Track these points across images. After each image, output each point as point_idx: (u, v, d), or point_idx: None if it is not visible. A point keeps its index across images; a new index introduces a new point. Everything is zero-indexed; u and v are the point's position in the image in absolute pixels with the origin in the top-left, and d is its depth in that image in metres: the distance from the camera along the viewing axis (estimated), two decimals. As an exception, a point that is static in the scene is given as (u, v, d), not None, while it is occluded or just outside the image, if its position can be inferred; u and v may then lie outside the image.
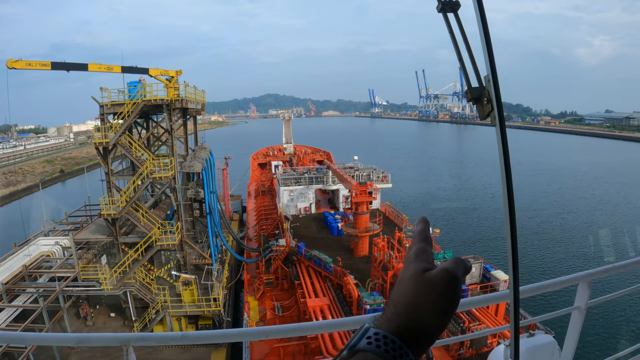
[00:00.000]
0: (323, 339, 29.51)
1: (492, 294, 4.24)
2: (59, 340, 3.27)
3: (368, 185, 41.04)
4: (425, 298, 1.55)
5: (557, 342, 5.03)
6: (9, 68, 37.36)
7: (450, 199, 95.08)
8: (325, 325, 3.85)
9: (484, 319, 29.03)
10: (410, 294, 1.58)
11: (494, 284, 32.79)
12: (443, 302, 1.57)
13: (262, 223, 61.30)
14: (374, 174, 55.31)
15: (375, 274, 34.71)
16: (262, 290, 43.61)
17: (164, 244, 42.29)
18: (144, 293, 43.02)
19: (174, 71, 44.62)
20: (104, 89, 42.20)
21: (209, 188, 45.44)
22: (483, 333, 23.33)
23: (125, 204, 41.91)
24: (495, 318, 30.40)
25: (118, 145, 42.56)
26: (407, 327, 1.50)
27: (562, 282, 4.38)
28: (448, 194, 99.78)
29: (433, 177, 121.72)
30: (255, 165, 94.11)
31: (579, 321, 4.68)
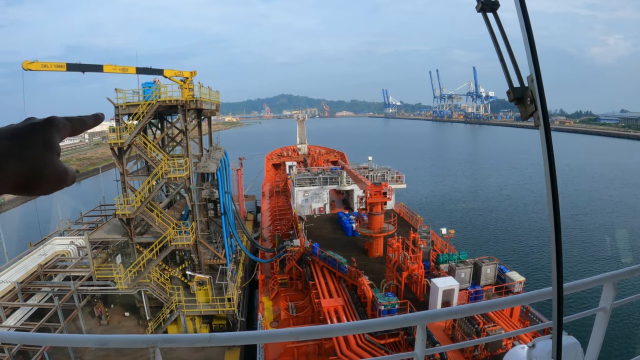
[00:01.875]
0: (337, 339, 29.41)
1: (532, 292, 4.14)
2: (83, 342, 3.23)
3: (382, 185, 40.85)
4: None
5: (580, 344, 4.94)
6: (25, 69, 37.58)
7: (465, 200, 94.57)
8: (348, 328, 3.80)
9: (498, 321, 28.82)
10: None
11: (509, 285, 32.56)
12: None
13: (277, 223, 61.33)
14: (388, 175, 55.07)
15: (390, 274, 34.51)
16: (277, 291, 43.57)
17: (179, 244, 42.39)
18: (158, 293, 43.17)
19: (189, 72, 44.67)
20: (119, 90, 42.46)
21: (223, 188, 45.48)
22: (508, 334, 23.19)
23: (140, 204, 42.08)
24: (510, 320, 30.18)
25: (133, 145, 42.75)
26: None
27: (587, 283, 4.30)
28: (463, 195, 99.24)
29: (448, 178, 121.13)
30: (270, 165, 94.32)
31: (604, 322, 4.59)
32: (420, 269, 32.60)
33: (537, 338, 4.60)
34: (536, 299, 4.21)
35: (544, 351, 4.51)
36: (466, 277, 33.16)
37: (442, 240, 40.72)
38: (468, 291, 31.77)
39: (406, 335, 28.85)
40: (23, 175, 1.53)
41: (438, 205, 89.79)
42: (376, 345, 28.32)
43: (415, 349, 3.67)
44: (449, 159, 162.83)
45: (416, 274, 32.61)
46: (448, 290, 29.94)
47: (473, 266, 33.48)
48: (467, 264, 33.59)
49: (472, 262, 33.81)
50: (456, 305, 28.27)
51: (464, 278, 32.95)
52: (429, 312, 3.94)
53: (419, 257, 33.01)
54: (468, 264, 33.58)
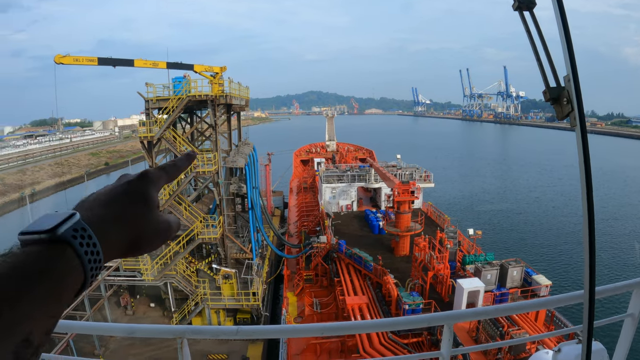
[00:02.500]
0: (360, 337, 29.36)
1: (562, 295, 4.09)
2: (111, 330, 3.28)
3: (411, 184, 40.63)
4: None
5: (606, 350, 4.87)
6: (57, 63, 38.06)
7: (493, 201, 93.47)
8: (374, 325, 3.81)
9: (523, 324, 28.50)
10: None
11: (535, 288, 32.17)
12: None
13: (304, 219, 61.32)
14: (416, 173, 54.74)
15: (416, 274, 34.29)
16: (302, 286, 43.60)
17: (206, 237, 42.78)
18: (184, 285, 43.60)
19: (219, 67, 44.89)
20: (150, 85, 42.90)
21: (251, 183, 45.63)
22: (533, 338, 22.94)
23: (168, 197, 42.50)
24: (534, 324, 29.83)
25: (162, 139, 43.15)
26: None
27: (617, 288, 4.24)
28: (492, 196, 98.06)
29: (477, 178, 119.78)
30: (298, 161, 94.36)
31: (632, 329, 4.53)
32: (446, 269, 32.33)
33: (563, 342, 4.55)
34: (566, 302, 4.17)
35: (570, 356, 4.47)
36: (492, 278, 32.82)
37: (469, 241, 40.36)
38: (493, 293, 31.45)
39: (429, 336, 28.70)
40: (126, 240, 1.49)
41: (466, 205, 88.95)
42: (399, 344, 28.22)
43: (442, 349, 3.66)
44: (478, 159, 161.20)
45: (442, 274, 32.35)
46: (473, 291, 29.67)
47: (499, 268, 33.11)
48: (494, 266, 33.24)
49: (499, 264, 33.43)
50: (483, 306, 28.07)
51: (490, 280, 32.62)
52: (455, 312, 3.92)
53: (445, 257, 32.75)
54: (494, 266, 33.22)
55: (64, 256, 1.25)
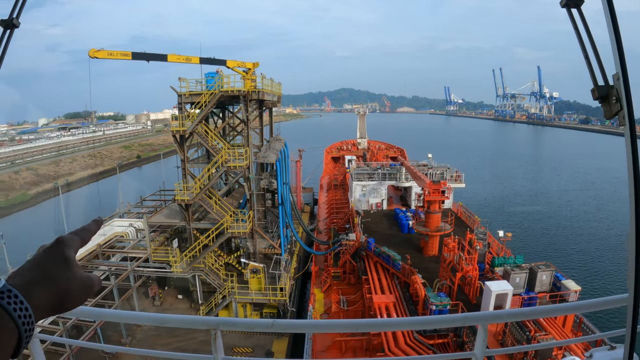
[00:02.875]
0: (386, 336, 29.27)
1: (604, 299, 3.98)
2: (147, 320, 3.30)
3: (441, 184, 40.34)
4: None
5: (639, 358, 4.73)
6: (91, 57, 38.45)
7: (524, 203, 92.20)
8: (410, 323, 3.76)
9: (550, 330, 28.07)
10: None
11: (564, 293, 31.64)
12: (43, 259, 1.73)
13: (333, 216, 61.45)
14: (447, 173, 54.29)
15: (444, 274, 33.99)
16: (329, 283, 43.66)
17: (235, 231, 43.05)
18: (212, 278, 43.95)
19: (251, 63, 45.06)
20: (182, 79, 43.28)
21: (282, 179, 45.78)
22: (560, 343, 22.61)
23: (199, 190, 42.85)
24: (562, 330, 29.36)
25: (194, 133, 43.54)
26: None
27: None
28: (523, 198, 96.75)
29: (508, 180, 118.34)
30: (329, 158, 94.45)
31: None
32: (474, 271, 32.01)
33: (594, 349, 4.45)
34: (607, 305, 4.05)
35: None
36: (521, 282, 32.34)
37: (499, 243, 39.86)
38: (522, 297, 31.05)
39: (455, 337, 28.50)
40: (53, 297, 1.67)
41: (496, 207, 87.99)
42: (424, 345, 28.07)
43: (475, 349, 3.61)
44: (510, 160, 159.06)
45: (470, 276, 32.04)
46: (501, 294, 29.28)
47: (529, 271, 32.56)
48: (523, 269, 32.72)
49: (528, 267, 32.89)
50: (519, 308, 27.69)
51: (519, 283, 32.17)
52: (492, 313, 3.88)
53: (474, 259, 32.39)
54: (524, 269, 32.71)
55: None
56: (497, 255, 36.45)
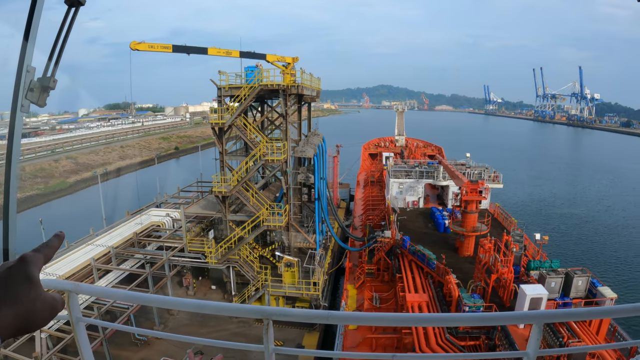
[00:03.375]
0: (417, 334, 29.10)
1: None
2: (197, 307, 3.33)
3: (479, 183, 39.92)
4: None
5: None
6: (132, 49, 38.88)
7: (562, 206, 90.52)
8: (470, 318, 3.73)
9: (584, 337, 27.55)
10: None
11: (600, 300, 30.93)
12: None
13: (369, 213, 61.35)
14: (485, 173, 53.68)
15: (479, 275, 33.53)
16: (362, 280, 43.57)
17: (271, 224, 43.23)
18: (246, 270, 44.29)
19: (291, 58, 45.18)
20: (222, 73, 43.61)
21: (319, 174, 45.82)
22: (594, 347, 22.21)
23: (236, 183, 43.19)
24: (595, 337, 28.78)
25: (233, 126, 43.86)
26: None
27: None
28: (561, 202, 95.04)
29: (546, 182, 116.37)
30: (366, 155, 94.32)
31: None
32: (509, 273, 31.49)
33: (633, 358, 4.38)
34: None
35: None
36: (556, 287, 31.71)
37: (535, 246, 39.22)
38: (556, 302, 30.50)
39: (487, 340, 28.22)
40: (18, 317, 1.65)
41: (534, 209, 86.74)
42: (456, 345, 27.87)
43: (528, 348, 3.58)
44: (548, 162, 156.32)
45: (505, 278, 31.59)
46: (536, 298, 28.71)
47: (564, 276, 31.94)
48: (559, 274, 32.06)
49: (564, 272, 32.25)
50: (575, 308, 27.23)
51: (554, 288, 31.56)
52: (548, 312, 3.82)
53: (510, 261, 31.92)
54: (559, 274, 32.05)
55: None
56: (533, 259, 35.87)
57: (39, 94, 2.63)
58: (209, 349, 33.90)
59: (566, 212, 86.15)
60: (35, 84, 2.62)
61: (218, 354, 31.73)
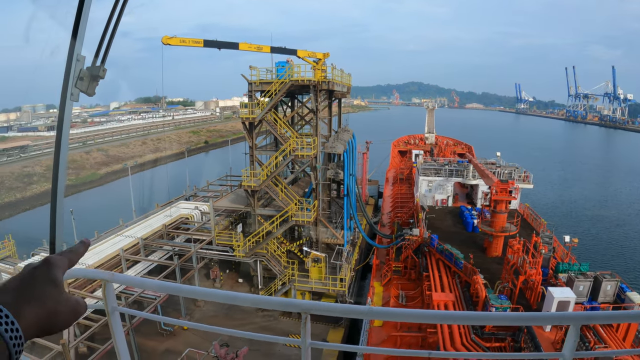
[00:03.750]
0: (443, 335, 28.91)
1: None
2: (234, 299, 3.32)
3: (509, 183, 39.47)
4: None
5: None
6: (164, 44, 39.29)
7: (593, 209, 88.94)
8: (509, 318, 3.67)
9: (611, 342, 27.09)
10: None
11: (628, 305, 30.35)
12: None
13: (397, 210, 61.05)
14: (515, 173, 53.03)
15: (506, 276, 33.07)
16: (389, 277, 43.37)
17: (299, 220, 43.40)
18: (273, 264, 44.49)
19: (322, 53, 45.22)
20: (253, 68, 43.87)
21: (348, 170, 45.86)
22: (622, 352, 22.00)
23: (265, 177, 43.41)
24: (622, 343, 28.26)
25: (264, 121, 44.06)
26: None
27: None
28: (592, 204, 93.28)
29: (577, 183, 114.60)
30: (396, 152, 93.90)
31: None
32: (537, 275, 31.06)
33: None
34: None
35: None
36: (584, 290, 31.16)
37: (564, 249, 38.69)
38: (584, 306, 29.99)
39: (513, 342, 27.95)
40: (42, 318, 1.64)
41: (564, 210, 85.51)
42: (480, 346, 27.64)
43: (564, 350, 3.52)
44: (580, 163, 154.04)
45: (533, 280, 31.17)
46: (564, 301, 28.25)
47: (593, 280, 31.41)
48: (587, 277, 31.51)
49: (593, 276, 31.71)
50: (613, 310, 26.73)
51: (582, 291, 31.02)
52: (586, 313, 3.76)
53: (538, 263, 31.42)
54: (588, 277, 31.50)
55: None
56: (562, 261, 35.40)
57: (88, 82, 2.67)
58: (234, 342, 34.06)
59: (597, 214, 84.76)
60: (85, 72, 2.66)
61: (243, 347, 31.85)
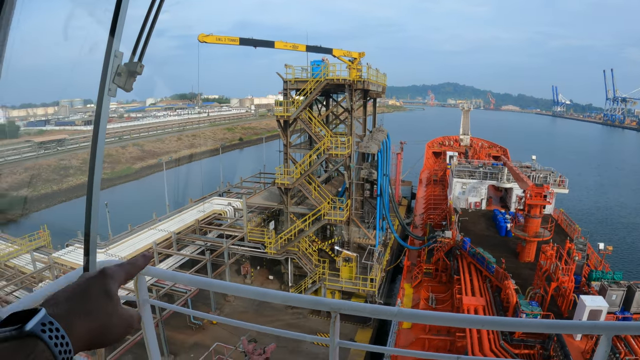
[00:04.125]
0: (472, 339, 28.67)
1: None
2: (264, 296, 3.34)
3: (544, 187, 38.88)
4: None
5: None
6: (200, 42, 39.62)
7: (629, 217, 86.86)
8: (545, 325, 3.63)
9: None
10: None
11: (661, 317, 29.61)
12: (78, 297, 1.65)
13: (430, 212, 60.70)
14: (550, 177, 52.21)
15: (538, 283, 32.53)
16: (420, 279, 43.17)
17: (332, 219, 43.48)
18: (304, 262, 44.60)
19: (357, 53, 45.19)
20: (289, 66, 44.12)
21: (382, 170, 45.75)
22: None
23: (299, 175, 43.56)
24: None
25: (298, 119, 44.24)
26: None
27: None
28: (628, 211, 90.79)
29: (614, 190, 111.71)
30: (430, 153, 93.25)
31: None
32: (570, 282, 30.48)
33: None
34: None
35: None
36: (617, 300, 30.43)
37: (598, 256, 37.98)
38: (616, 316, 29.29)
39: (542, 350, 27.55)
40: (93, 332, 1.61)
41: (599, 217, 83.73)
42: (509, 353, 27.31)
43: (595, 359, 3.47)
44: (617, 168, 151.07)
45: (565, 287, 30.60)
46: (595, 310, 27.60)
47: (626, 289, 30.74)
48: (621, 286, 30.78)
49: (626, 285, 31.05)
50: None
51: (614, 301, 30.30)
52: (617, 323, 3.70)
53: (571, 270, 30.82)
54: (621, 286, 30.77)
55: (35, 351, 1.33)
56: (595, 269, 34.71)
57: (125, 78, 2.71)
58: (262, 338, 34.26)
59: (633, 222, 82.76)
60: (122, 68, 2.70)
61: (271, 343, 32.02)
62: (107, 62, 2.63)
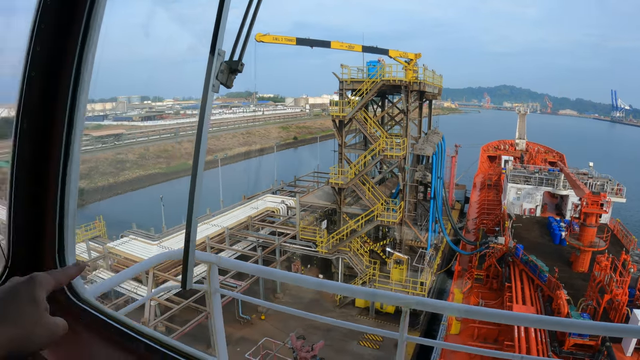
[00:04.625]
0: (520, 346, 28.23)
1: None
2: (345, 291, 3.51)
3: (601, 196, 37.94)
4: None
5: None
6: (257, 41, 40.11)
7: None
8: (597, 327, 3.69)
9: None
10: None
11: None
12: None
13: (483, 217, 59.96)
14: (608, 185, 50.87)
15: (591, 294, 31.81)
16: (470, 285, 42.64)
17: (385, 220, 43.48)
18: (355, 262, 44.72)
19: (413, 54, 45.12)
20: (344, 66, 44.31)
21: (436, 173, 45.60)
22: None
23: (354, 176, 43.78)
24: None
25: (354, 119, 44.39)
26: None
27: None
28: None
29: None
30: (485, 157, 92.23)
31: None
32: (624, 296, 29.66)
33: None
34: None
35: None
36: (669, 315, 29.65)
37: None
38: (668, 331, 28.43)
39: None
40: (14, 339, 1.55)
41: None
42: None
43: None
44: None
45: (618, 300, 29.81)
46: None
47: (679, 305, 29.76)
48: (675, 301, 29.99)
49: None
50: None
51: (669, 316, 29.52)
52: None
53: (626, 282, 30.04)
54: (675, 302, 29.98)
55: None
56: (651, 283, 33.70)
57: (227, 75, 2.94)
58: (310, 336, 34.53)
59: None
60: (224, 66, 2.93)
61: (320, 341, 32.21)
62: (212, 60, 2.87)
